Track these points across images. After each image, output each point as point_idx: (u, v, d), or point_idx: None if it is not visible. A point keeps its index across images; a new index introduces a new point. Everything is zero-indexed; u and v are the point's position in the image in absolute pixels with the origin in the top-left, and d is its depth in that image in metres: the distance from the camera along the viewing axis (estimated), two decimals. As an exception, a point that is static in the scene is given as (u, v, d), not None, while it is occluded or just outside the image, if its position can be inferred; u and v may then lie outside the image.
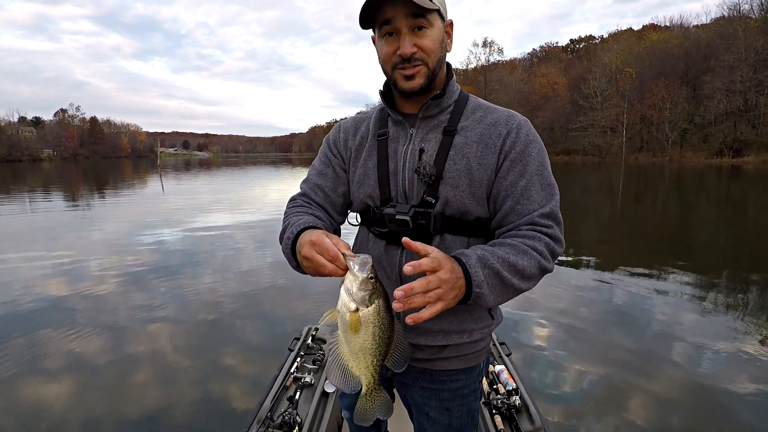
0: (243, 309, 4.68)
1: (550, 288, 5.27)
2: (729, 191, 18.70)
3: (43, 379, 3.28)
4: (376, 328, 0.87)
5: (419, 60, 1.00)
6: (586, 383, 3.17)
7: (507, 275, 0.92)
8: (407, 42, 0.98)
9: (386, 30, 1.00)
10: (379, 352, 0.89)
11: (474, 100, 1.14)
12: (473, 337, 1.12)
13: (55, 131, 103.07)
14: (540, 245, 0.98)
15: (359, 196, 1.16)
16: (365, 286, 0.83)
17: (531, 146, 1.05)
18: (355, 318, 0.84)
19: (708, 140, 47.30)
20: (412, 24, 0.98)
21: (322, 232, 0.91)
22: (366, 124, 1.21)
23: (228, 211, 12.24)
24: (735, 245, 8.31)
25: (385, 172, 1.11)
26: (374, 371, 0.93)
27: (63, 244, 7.91)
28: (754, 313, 4.60)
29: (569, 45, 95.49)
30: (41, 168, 51.23)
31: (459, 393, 1.17)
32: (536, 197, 1.02)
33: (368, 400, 0.97)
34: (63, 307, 4.74)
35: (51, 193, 18.74)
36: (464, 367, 1.16)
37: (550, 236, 1.01)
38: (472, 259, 0.90)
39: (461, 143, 1.05)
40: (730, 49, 46.46)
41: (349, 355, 0.91)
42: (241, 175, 33.34)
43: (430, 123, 1.09)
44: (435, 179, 1.04)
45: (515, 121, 1.06)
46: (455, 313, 1.09)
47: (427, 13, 0.98)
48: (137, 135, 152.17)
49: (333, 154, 1.23)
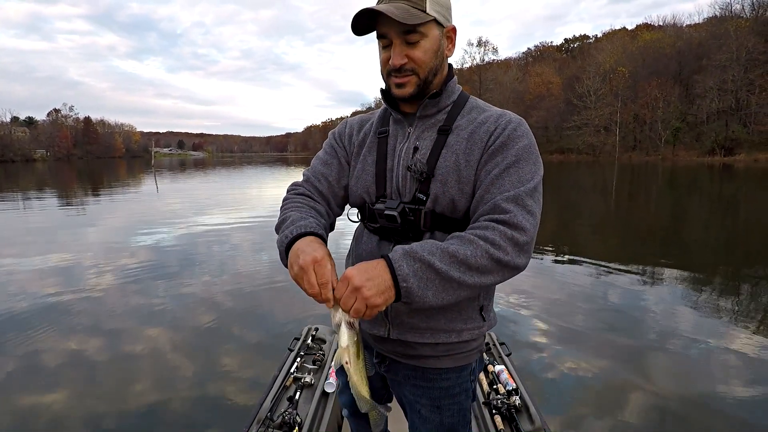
0: (242, 309, 4.67)
1: (549, 288, 5.31)
2: (721, 189, 18.88)
3: (42, 379, 3.25)
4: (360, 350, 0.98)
5: (409, 70, 1.03)
6: (586, 383, 3.19)
7: (443, 267, 0.87)
8: (398, 54, 1.02)
9: (383, 43, 1.05)
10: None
11: (473, 101, 1.15)
12: (462, 337, 1.13)
13: (48, 131, 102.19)
14: (491, 234, 0.91)
15: (357, 191, 1.19)
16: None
17: (516, 140, 1.02)
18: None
19: (700, 139, 47.72)
20: (403, 38, 1.01)
21: (327, 256, 0.91)
22: (370, 122, 1.24)
23: (224, 211, 12.19)
24: (727, 242, 8.40)
25: (383, 168, 1.14)
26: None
27: (57, 246, 7.84)
28: (746, 308, 4.65)
29: (564, 44, 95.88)
30: (34, 168, 50.73)
31: (450, 392, 1.18)
32: (507, 186, 0.98)
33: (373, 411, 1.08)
34: (59, 308, 4.70)
35: (44, 194, 18.56)
36: (454, 366, 1.17)
37: (507, 223, 0.92)
38: (397, 253, 0.89)
39: (453, 141, 1.07)
40: (721, 49, 46.90)
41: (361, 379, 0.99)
42: (237, 176, 33.19)
43: (427, 122, 1.11)
44: (426, 176, 1.06)
45: (505, 119, 1.07)
46: (444, 312, 1.10)
47: (419, 27, 0.99)
48: (131, 135, 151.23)
49: (339, 145, 1.26)
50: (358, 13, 0.99)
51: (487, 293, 1.17)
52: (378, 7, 0.98)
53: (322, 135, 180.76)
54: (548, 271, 6.14)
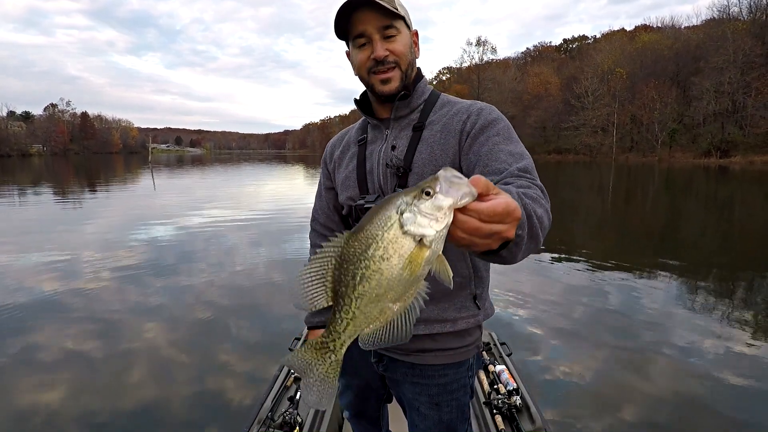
0: (242, 308, 4.67)
1: (549, 288, 5.34)
2: (716, 191, 18.99)
3: (39, 376, 3.25)
4: (416, 278, 0.59)
5: (392, 63, 1.08)
6: (587, 383, 3.21)
7: (535, 220, 0.73)
8: (380, 46, 1.06)
9: (360, 42, 1.09)
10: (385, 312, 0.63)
11: (444, 98, 1.20)
12: (457, 327, 1.14)
13: (44, 126, 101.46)
14: (538, 193, 0.81)
15: (342, 199, 1.25)
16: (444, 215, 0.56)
17: (494, 123, 1.04)
18: (417, 253, 0.57)
19: (696, 141, 47.89)
20: (382, 33, 1.06)
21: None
22: (350, 134, 1.31)
23: (221, 208, 12.15)
24: (722, 243, 8.46)
25: (363, 172, 1.19)
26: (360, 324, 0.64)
27: (54, 241, 7.80)
28: (741, 308, 4.69)
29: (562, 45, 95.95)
30: (31, 163, 50.40)
31: (448, 388, 1.19)
32: (504, 157, 0.95)
33: (321, 357, 0.68)
34: (57, 304, 4.69)
35: (40, 189, 18.44)
36: (452, 362, 1.18)
37: (540, 188, 0.84)
38: (512, 193, 0.70)
39: (428, 136, 1.12)
40: (719, 51, 47.02)
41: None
42: (235, 173, 33.08)
43: (402, 122, 1.17)
44: (404, 171, 1.10)
45: (476, 107, 1.11)
46: (435, 302, 1.12)
47: (394, 21, 1.06)
48: (129, 131, 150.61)
49: (325, 170, 1.36)
50: (340, 9, 1.03)
51: (479, 281, 1.17)
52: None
53: (321, 133, 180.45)
54: (549, 271, 6.16)
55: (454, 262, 1.11)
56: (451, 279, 0.60)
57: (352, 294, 0.60)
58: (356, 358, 1.36)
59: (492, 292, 1.32)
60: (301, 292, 0.62)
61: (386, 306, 0.62)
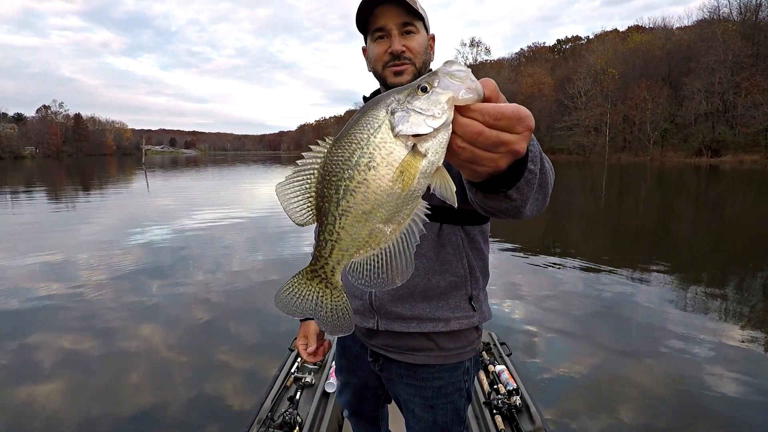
0: (241, 310, 4.65)
1: (547, 287, 5.37)
2: (707, 190, 19.18)
3: (38, 378, 3.22)
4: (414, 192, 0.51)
5: (407, 59, 1.11)
6: (586, 382, 3.23)
7: (547, 165, 0.69)
8: (397, 41, 1.10)
9: (378, 35, 1.12)
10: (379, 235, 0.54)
11: None
12: (450, 327, 1.13)
13: (37, 128, 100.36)
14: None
15: None
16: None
17: None
18: (410, 161, 0.49)
19: (688, 140, 48.34)
20: (401, 28, 1.10)
21: (314, 333, 1.38)
22: None
23: (217, 210, 12.08)
24: (714, 242, 8.55)
25: None
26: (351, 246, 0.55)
27: (49, 244, 7.71)
28: (733, 306, 4.75)
29: (556, 45, 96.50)
30: (23, 165, 49.86)
31: (442, 391, 1.19)
32: None
33: (316, 287, 0.61)
34: (54, 307, 4.65)
35: (33, 191, 18.25)
36: (446, 364, 1.18)
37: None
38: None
39: None
40: (709, 51, 47.52)
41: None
42: (229, 174, 32.93)
43: None
44: None
45: None
46: (427, 300, 1.12)
47: (414, 20, 1.10)
48: (123, 132, 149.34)
49: None
50: (364, 2, 1.06)
51: (475, 282, 1.17)
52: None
53: (316, 133, 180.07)
54: (547, 271, 6.20)
55: (448, 259, 1.13)
56: (455, 196, 0.51)
57: (335, 211, 0.52)
58: (354, 357, 1.37)
59: (491, 292, 1.32)
60: (286, 207, 0.55)
61: (376, 227, 0.52)
